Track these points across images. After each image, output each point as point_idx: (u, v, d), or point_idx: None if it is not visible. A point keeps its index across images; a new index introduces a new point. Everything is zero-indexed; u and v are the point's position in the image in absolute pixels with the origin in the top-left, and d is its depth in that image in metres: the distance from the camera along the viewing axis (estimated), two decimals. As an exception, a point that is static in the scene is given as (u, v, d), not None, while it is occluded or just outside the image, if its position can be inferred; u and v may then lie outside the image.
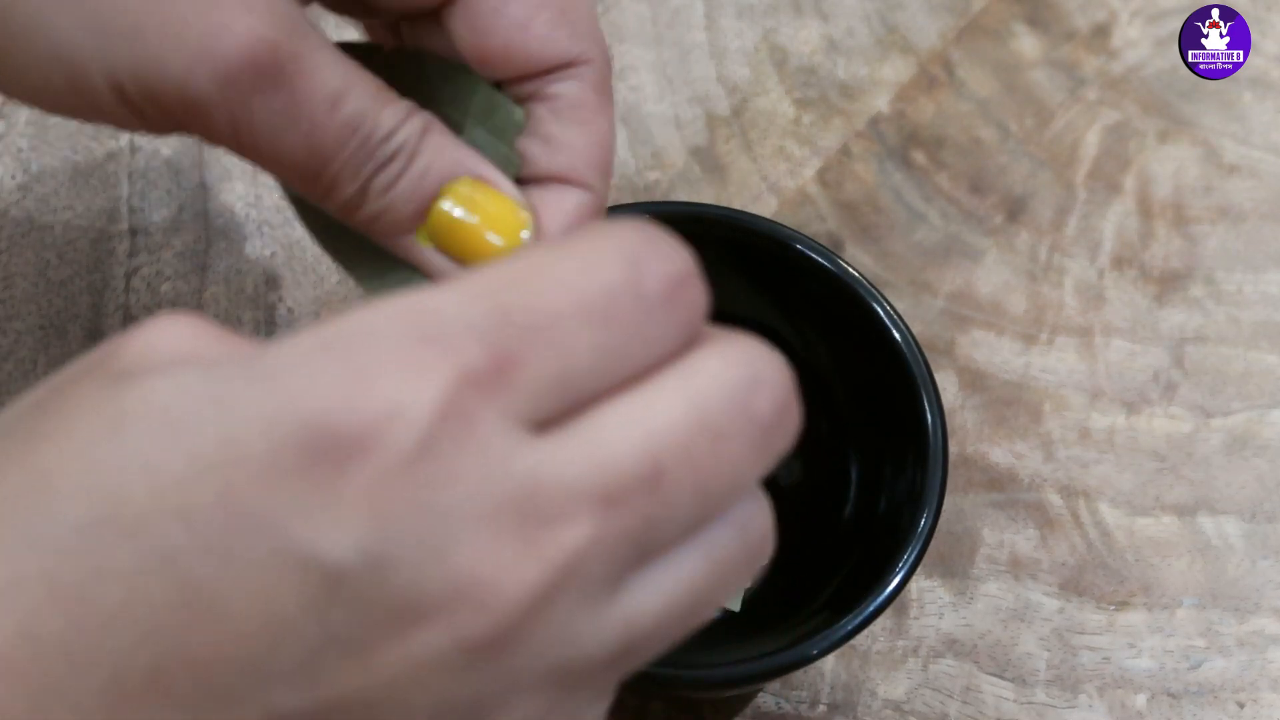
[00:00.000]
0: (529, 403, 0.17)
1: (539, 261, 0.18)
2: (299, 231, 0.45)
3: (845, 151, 0.49)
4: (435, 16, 0.26)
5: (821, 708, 0.38)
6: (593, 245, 0.19)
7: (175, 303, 0.43)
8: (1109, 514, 0.42)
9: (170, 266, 0.44)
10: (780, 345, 0.39)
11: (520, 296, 0.18)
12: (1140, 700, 0.38)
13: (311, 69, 0.23)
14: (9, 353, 0.42)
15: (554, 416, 0.18)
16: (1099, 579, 0.40)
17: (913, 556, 0.32)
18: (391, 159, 0.24)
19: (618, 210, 0.36)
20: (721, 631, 0.36)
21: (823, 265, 0.37)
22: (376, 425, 0.16)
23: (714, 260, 0.38)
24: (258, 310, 0.43)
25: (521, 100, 0.26)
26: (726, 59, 0.51)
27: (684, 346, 0.19)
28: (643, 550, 0.18)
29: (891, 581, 0.32)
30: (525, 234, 0.25)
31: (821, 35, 0.52)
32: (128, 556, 0.16)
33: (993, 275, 0.46)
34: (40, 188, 0.46)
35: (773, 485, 0.39)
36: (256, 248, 0.45)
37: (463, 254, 0.24)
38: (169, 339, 0.18)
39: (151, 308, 0.43)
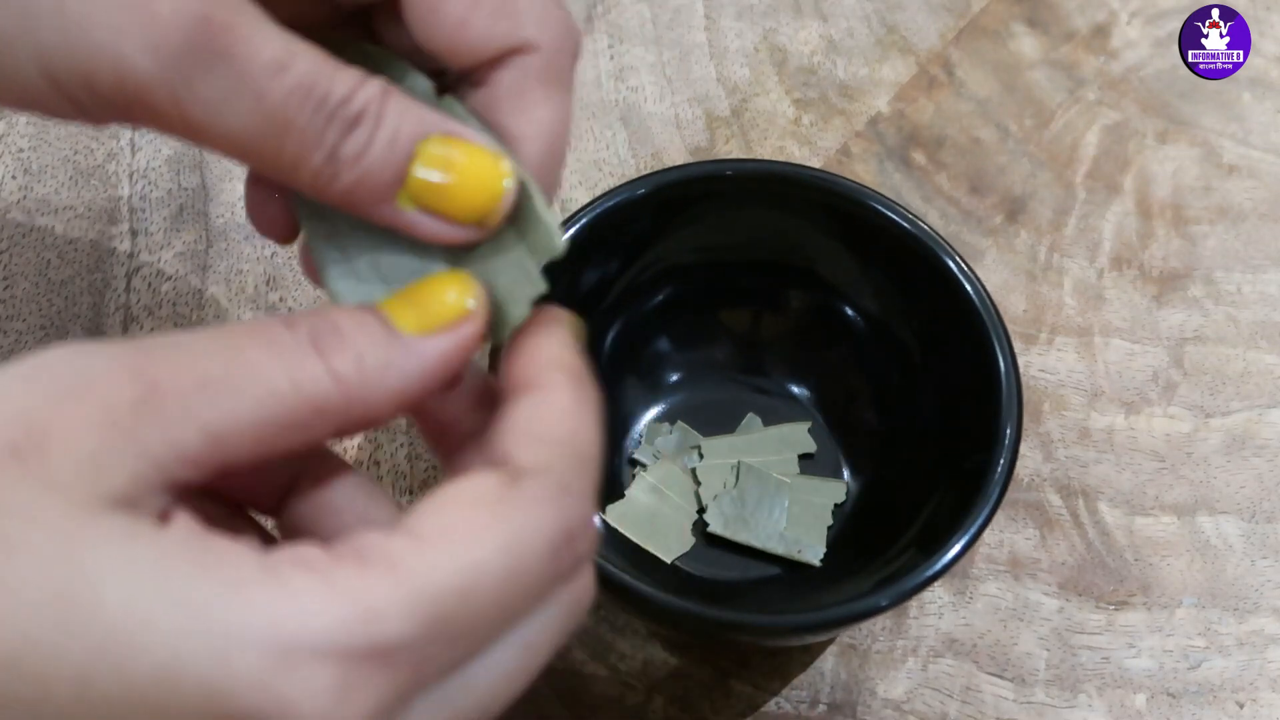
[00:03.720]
0: (424, 690, 0.20)
1: (480, 562, 0.20)
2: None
3: (845, 151, 0.49)
4: (393, 9, 0.26)
5: (821, 707, 0.38)
6: (528, 538, 0.21)
7: (175, 303, 0.43)
8: (1108, 514, 0.42)
9: (170, 266, 0.44)
10: (849, 302, 0.41)
11: (457, 612, 0.20)
12: (1140, 700, 0.38)
13: (250, 38, 0.22)
14: (9, 353, 0.42)
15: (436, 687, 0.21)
16: (1098, 579, 0.40)
17: (989, 505, 0.33)
18: (357, 122, 0.23)
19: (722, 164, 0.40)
20: (810, 577, 0.38)
21: (898, 222, 0.38)
22: None
23: (798, 219, 0.39)
24: (258, 310, 0.44)
25: (472, 88, 0.26)
26: (726, 59, 0.51)
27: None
28: None
29: (972, 526, 0.33)
30: (508, 183, 0.24)
31: (821, 35, 0.52)
32: None
33: (992, 275, 0.46)
34: (40, 188, 0.46)
35: (853, 434, 0.41)
36: (256, 248, 0.45)
37: (448, 212, 0.24)
38: None
39: (152, 308, 0.43)
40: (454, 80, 0.27)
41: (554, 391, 0.23)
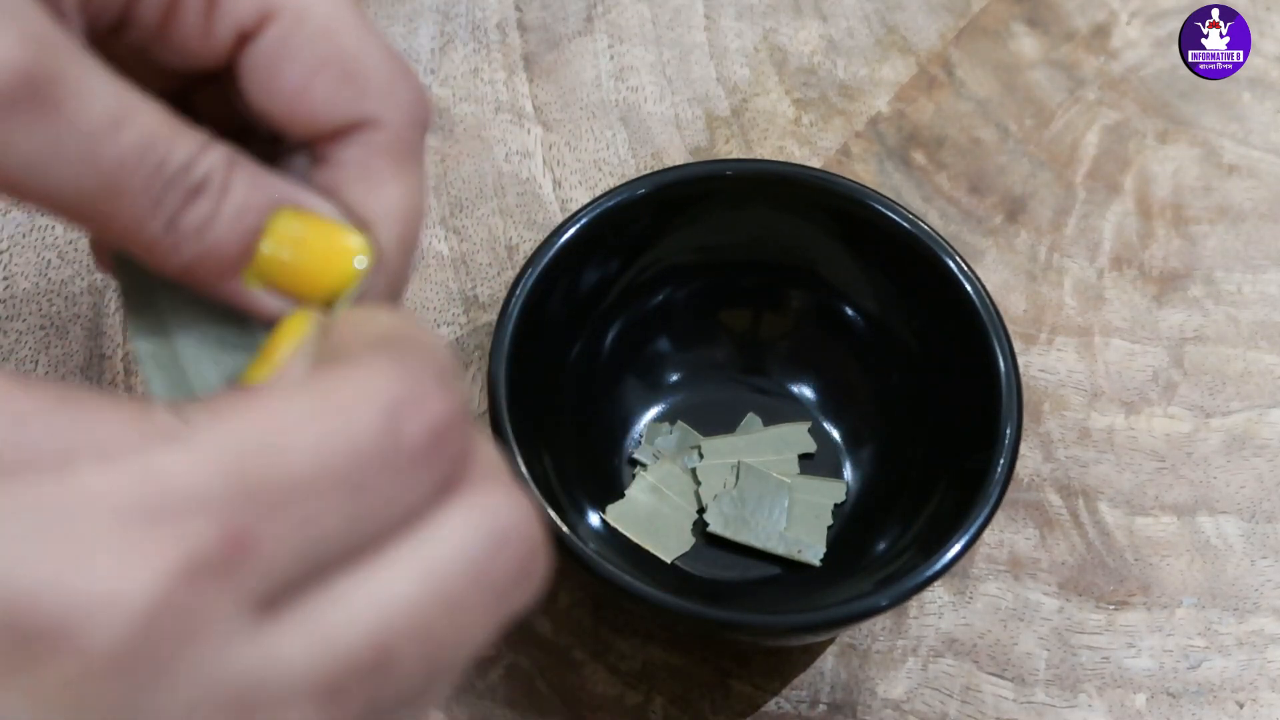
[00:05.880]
0: (261, 583, 0.16)
1: (288, 419, 0.17)
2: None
3: (845, 151, 0.49)
4: (230, 80, 0.24)
5: (821, 707, 0.38)
6: (349, 396, 0.18)
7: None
8: (1108, 514, 0.42)
9: (171, 266, 0.44)
10: (849, 302, 0.41)
11: (263, 464, 0.17)
12: (1140, 700, 0.38)
13: (81, 91, 0.20)
14: (9, 353, 0.42)
15: (288, 592, 0.17)
16: (1098, 579, 0.40)
17: (989, 506, 0.34)
18: (199, 192, 0.21)
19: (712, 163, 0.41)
20: (810, 578, 0.38)
21: (898, 222, 0.38)
22: (83, 615, 0.15)
23: (799, 219, 0.39)
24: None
25: (316, 164, 0.24)
26: (726, 59, 0.51)
27: (437, 497, 0.18)
28: None
29: (972, 526, 0.33)
30: (360, 260, 0.23)
31: (821, 35, 0.52)
32: None
33: (992, 275, 0.46)
34: (41, 188, 0.46)
35: (853, 434, 0.41)
36: (257, 248, 0.45)
37: (297, 291, 0.22)
38: None
39: (152, 308, 0.43)
40: (296, 152, 0.25)
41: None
